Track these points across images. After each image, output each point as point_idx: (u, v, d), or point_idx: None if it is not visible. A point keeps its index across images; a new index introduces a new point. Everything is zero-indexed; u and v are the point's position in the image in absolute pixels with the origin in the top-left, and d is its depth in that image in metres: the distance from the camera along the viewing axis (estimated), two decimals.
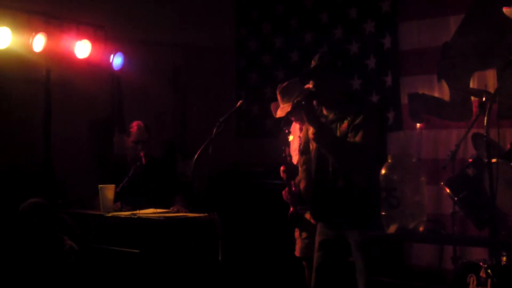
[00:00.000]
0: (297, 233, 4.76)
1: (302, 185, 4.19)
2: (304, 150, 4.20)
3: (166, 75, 6.73)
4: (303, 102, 3.85)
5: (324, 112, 4.01)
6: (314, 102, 3.92)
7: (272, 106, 4.93)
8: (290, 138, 4.75)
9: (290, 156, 4.65)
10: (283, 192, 4.73)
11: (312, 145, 4.08)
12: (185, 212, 4.78)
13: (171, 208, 4.84)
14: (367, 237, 3.75)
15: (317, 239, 4.12)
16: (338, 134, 3.86)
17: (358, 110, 3.83)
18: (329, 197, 3.94)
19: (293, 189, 4.54)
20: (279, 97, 4.79)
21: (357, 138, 3.76)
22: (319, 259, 4.07)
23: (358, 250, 3.92)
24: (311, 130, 4.00)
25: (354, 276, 4.00)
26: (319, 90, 3.91)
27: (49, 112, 5.66)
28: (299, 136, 4.74)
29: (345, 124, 3.85)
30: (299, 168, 4.26)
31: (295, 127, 4.91)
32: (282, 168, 4.53)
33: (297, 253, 4.76)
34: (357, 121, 3.79)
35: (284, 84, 4.81)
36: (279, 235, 5.07)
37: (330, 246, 4.04)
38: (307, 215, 4.60)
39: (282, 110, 4.74)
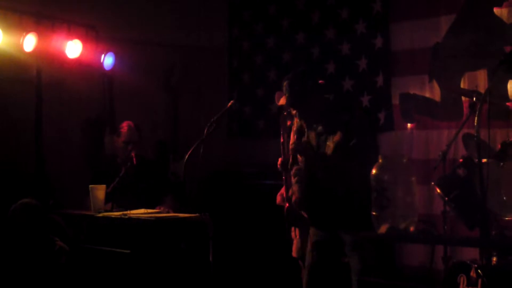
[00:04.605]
0: (293, 233, 4.77)
1: (293, 198, 4.19)
2: (294, 161, 4.21)
3: (158, 75, 6.72)
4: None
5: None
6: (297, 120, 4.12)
7: (276, 94, 4.94)
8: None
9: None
10: (278, 196, 4.74)
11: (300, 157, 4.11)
12: (172, 213, 4.76)
13: (156, 208, 4.82)
14: (360, 237, 3.77)
15: (310, 240, 4.14)
16: (331, 145, 3.93)
17: (349, 118, 3.92)
18: (323, 201, 3.98)
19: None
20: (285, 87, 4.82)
21: (353, 145, 3.83)
22: (312, 259, 4.10)
23: (353, 250, 3.93)
24: (292, 141, 4.08)
25: (347, 277, 4.01)
26: (303, 113, 4.02)
27: (40, 112, 5.65)
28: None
29: (338, 136, 3.90)
30: (292, 179, 4.26)
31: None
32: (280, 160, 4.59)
33: (294, 253, 4.77)
34: (351, 128, 3.88)
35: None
36: (271, 236, 5.07)
37: (323, 247, 4.06)
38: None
39: (285, 99, 4.79)
